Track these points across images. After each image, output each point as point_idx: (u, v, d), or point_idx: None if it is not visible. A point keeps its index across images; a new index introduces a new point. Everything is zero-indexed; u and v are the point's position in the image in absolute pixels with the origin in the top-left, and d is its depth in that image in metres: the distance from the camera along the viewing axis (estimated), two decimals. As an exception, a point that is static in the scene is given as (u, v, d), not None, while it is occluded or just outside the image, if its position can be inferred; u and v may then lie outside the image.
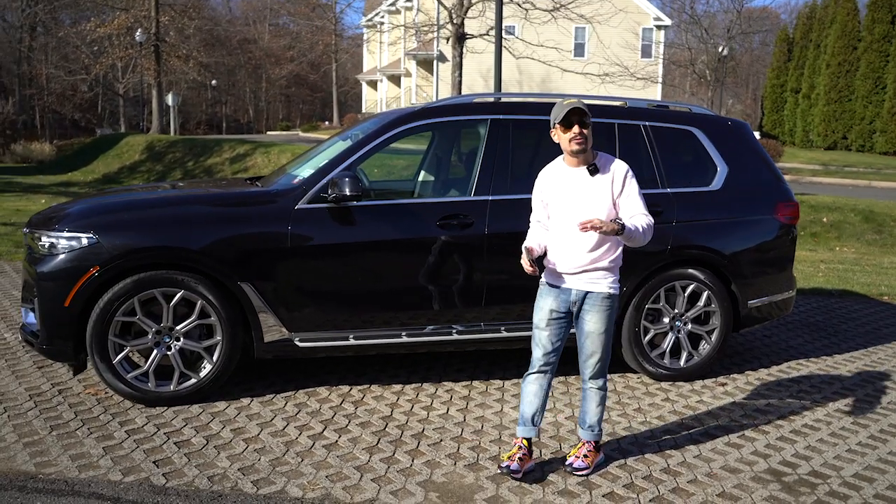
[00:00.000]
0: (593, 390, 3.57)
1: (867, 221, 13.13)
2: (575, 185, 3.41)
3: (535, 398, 3.53)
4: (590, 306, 3.43)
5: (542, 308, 3.50)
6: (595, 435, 3.61)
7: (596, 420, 3.60)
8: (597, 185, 3.37)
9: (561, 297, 3.46)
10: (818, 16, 38.33)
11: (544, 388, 3.53)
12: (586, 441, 3.62)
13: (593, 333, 3.45)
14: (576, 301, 3.45)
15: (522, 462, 3.48)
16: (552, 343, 3.49)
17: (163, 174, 22.06)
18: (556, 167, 3.52)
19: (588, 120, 3.32)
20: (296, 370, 4.89)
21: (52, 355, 4.21)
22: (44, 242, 4.17)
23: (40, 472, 3.38)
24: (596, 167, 3.38)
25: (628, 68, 26.30)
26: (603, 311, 3.43)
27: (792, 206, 5.24)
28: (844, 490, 3.50)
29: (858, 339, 6.18)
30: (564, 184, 3.44)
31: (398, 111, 4.95)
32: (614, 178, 3.37)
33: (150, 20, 31.80)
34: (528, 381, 3.56)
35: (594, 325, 3.44)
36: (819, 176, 25.16)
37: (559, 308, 3.47)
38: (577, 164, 3.41)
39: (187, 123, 55.88)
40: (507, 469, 3.45)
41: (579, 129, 3.31)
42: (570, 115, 3.30)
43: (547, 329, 3.48)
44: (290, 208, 4.33)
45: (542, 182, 3.55)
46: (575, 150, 3.35)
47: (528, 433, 3.54)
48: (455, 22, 18.86)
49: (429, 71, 38.70)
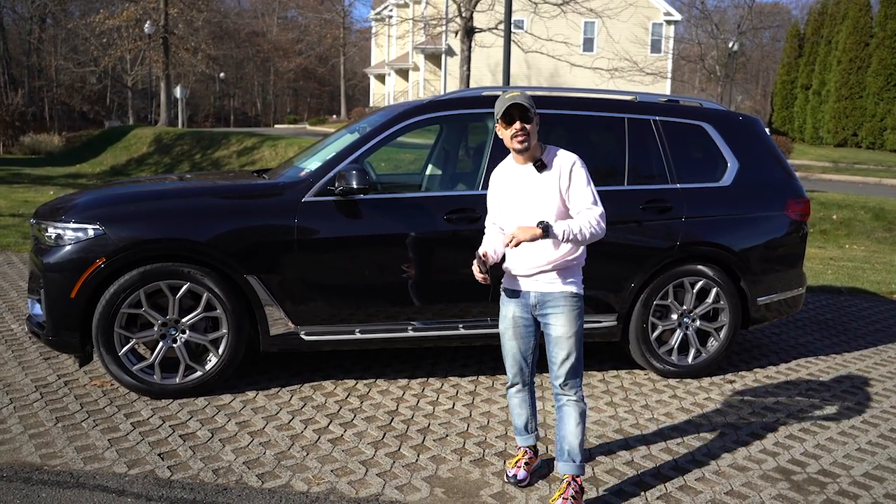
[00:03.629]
0: (570, 404, 3.16)
1: (877, 219, 13.03)
2: (523, 183, 3.15)
3: (521, 409, 3.39)
4: (552, 308, 3.12)
5: (506, 316, 3.26)
6: (578, 467, 3.16)
7: (577, 444, 3.15)
8: (544, 181, 3.10)
9: (521, 302, 3.21)
10: (830, 11, 38.03)
11: (527, 399, 3.38)
12: (570, 477, 3.17)
13: (561, 338, 3.11)
14: (535, 304, 3.17)
15: (529, 466, 3.43)
16: (521, 352, 3.27)
17: (170, 167, 22.10)
18: (506, 166, 3.27)
19: (531, 114, 3.04)
20: (301, 364, 4.88)
21: (58, 347, 4.20)
22: (50, 233, 4.17)
23: (45, 464, 3.38)
24: (543, 163, 3.11)
25: (637, 63, 26.18)
26: (568, 313, 3.11)
27: (803, 203, 5.19)
28: (854, 489, 3.46)
29: (868, 337, 6.13)
30: (513, 182, 3.19)
31: (406, 104, 4.92)
32: (561, 173, 3.08)
33: (159, 12, 31.81)
34: (510, 395, 3.40)
35: (560, 328, 3.11)
36: (829, 173, 24.99)
37: (521, 314, 3.22)
38: (524, 161, 3.16)
39: (195, 116, 56.00)
40: (514, 479, 3.37)
41: (521, 124, 3.04)
42: (510, 111, 3.04)
43: (514, 339, 3.25)
44: (296, 201, 4.31)
45: (492, 182, 3.31)
46: (517, 148, 3.10)
47: (527, 441, 3.45)
48: (464, 16, 18.81)
49: (437, 65, 38.62)
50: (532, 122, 3.07)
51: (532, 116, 3.06)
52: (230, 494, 3.19)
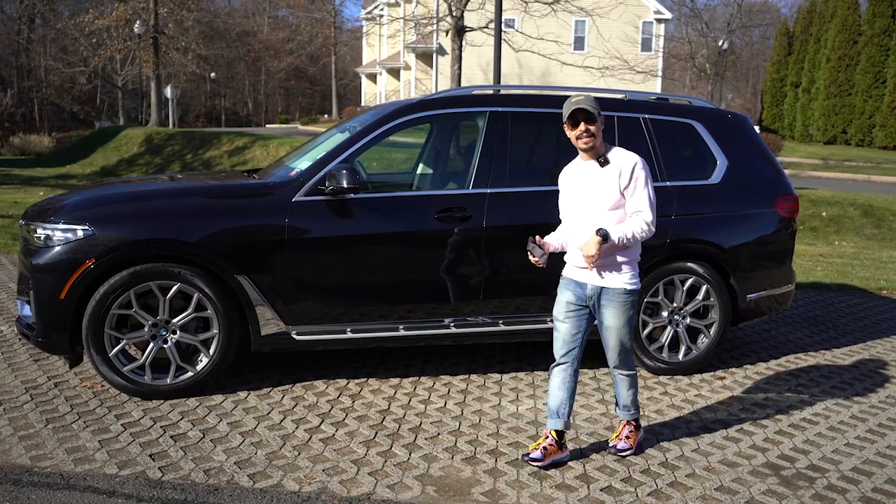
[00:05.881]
0: (621, 376, 3.66)
1: (866, 216, 13.12)
2: (586, 178, 3.49)
3: (558, 391, 3.56)
4: (606, 301, 3.47)
5: (560, 301, 3.57)
6: (632, 414, 3.70)
7: (630, 400, 3.69)
8: (605, 176, 3.43)
9: (577, 290, 3.52)
10: (818, 10, 38.21)
11: (567, 381, 3.55)
12: (625, 421, 3.73)
13: (612, 328, 3.50)
14: (591, 296, 3.49)
15: (546, 452, 3.52)
16: (571, 335, 3.53)
17: (161, 167, 22.02)
18: (574, 163, 3.61)
19: (596, 117, 3.37)
20: (293, 363, 4.87)
21: (48, 348, 4.18)
22: (39, 234, 4.15)
23: (36, 466, 3.37)
24: (606, 159, 3.45)
25: (628, 62, 26.24)
26: (620, 307, 3.46)
27: (791, 200, 5.22)
28: (843, 484, 3.49)
29: (857, 333, 6.17)
30: (578, 177, 3.54)
31: (396, 103, 4.92)
32: (622, 170, 3.41)
33: (149, 12, 31.66)
34: (553, 374, 3.60)
35: (612, 319, 3.48)
36: (818, 170, 25.11)
37: (576, 301, 3.52)
38: (589, 158, 3.50)
39: (186, 116, 55.77)
40: (527, 457, 3.52)
41: (585, 126, 3.38)
42: (575, 114, 3.38)
43: (566, 321, 3.53)
44: (287, 201, 4.31)
45: (561, 178, 3.66)
46: (582, 147, 3.45)
47: (555, 425, 3.57)
48: (454, 14, 18.79)
49: (428, 64, 38.60)
50: (596, 124, 3.39)
51: (596, 118, 3.37)
52: (221, 495, 3.19)
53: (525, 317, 4.64)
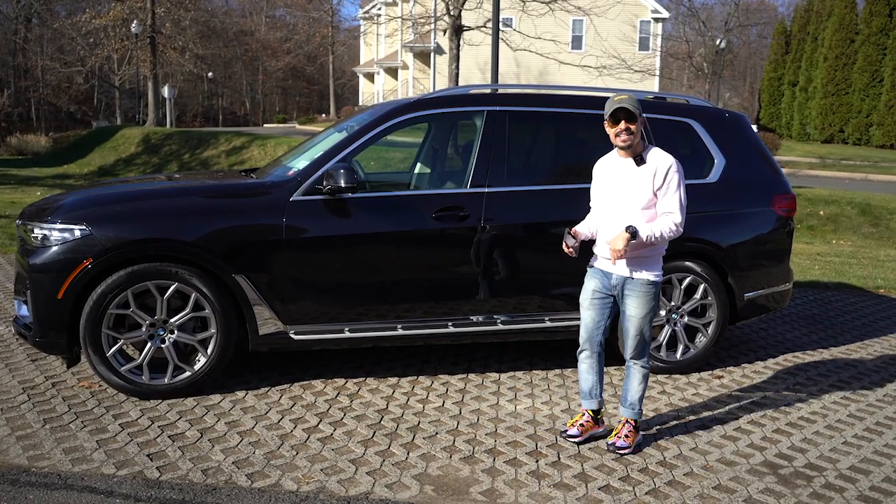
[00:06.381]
0: (635, 367, 3.75)
1: (863, 214, 13.13)
2: (621, 174, 3.60)
3: (587, 375, 3.80)
4: (630, 291, 3.61)
5: (586, 288, 3.75)
6: (636, 413, 3.77)
7: (637, 398, 3.75)
8: (640, 175, 3.55)
9: (603, 280, 3.68)
10: (816, 9, 38.25)
11: (594, 366, 3.78)
12: (627, 420, 3.78)
13: (633, 318, 3.63)
14: (616, 285, 3.64)
15: (584, 428, 3.80)
16: (595, 322, 3.71)
17: (159, 167, 21.99)
18: (610, 157, 3.73)
19: (637, 116, 3.47)
20: (291, 363, 4.87)
21: (46, 348, 4.18)
22: (36, 234, 4.14)
23: (33, 466, 3.36)
24: (642, 158, 3.56)
25: (626, 61, 26.21)
26: (643, 297, 3.59)
27: (789, 199, 5.22)
28: (840, 482, 3.49)
29: (854, 331, 6.18)
30: (611, 172, 3.66)
31: (393, 103, 4.91)
32: (657, 171, 3.52)
33: (146, 11, 31.62)
34: (580, 360, 3.82)
35: (634, 309, 3.62)
36: (816, 169, 25.13)
37: (601, 289, 3.69)
38: (626, 155, 3.61)
39: (183, 116, 55.71)
40: (566, 433, 3.80)
41: (625, 124, 3.48)
42: (616, 113, 3.49)
43: (591, 309, 3.71)
44: (284, 200, 4.30)
45: (595, 170, 3.80)
46: (620, 145, 3.56)
47: (590, 405, 3.82)
48: (452, 14, 18.78)
49: (426, 63, 38.58)
50: (636, 123, 3.50)
51: (637, 117, 3.48)
52: (219, 494, 3.19)
53: (523, 316, 4.64)
